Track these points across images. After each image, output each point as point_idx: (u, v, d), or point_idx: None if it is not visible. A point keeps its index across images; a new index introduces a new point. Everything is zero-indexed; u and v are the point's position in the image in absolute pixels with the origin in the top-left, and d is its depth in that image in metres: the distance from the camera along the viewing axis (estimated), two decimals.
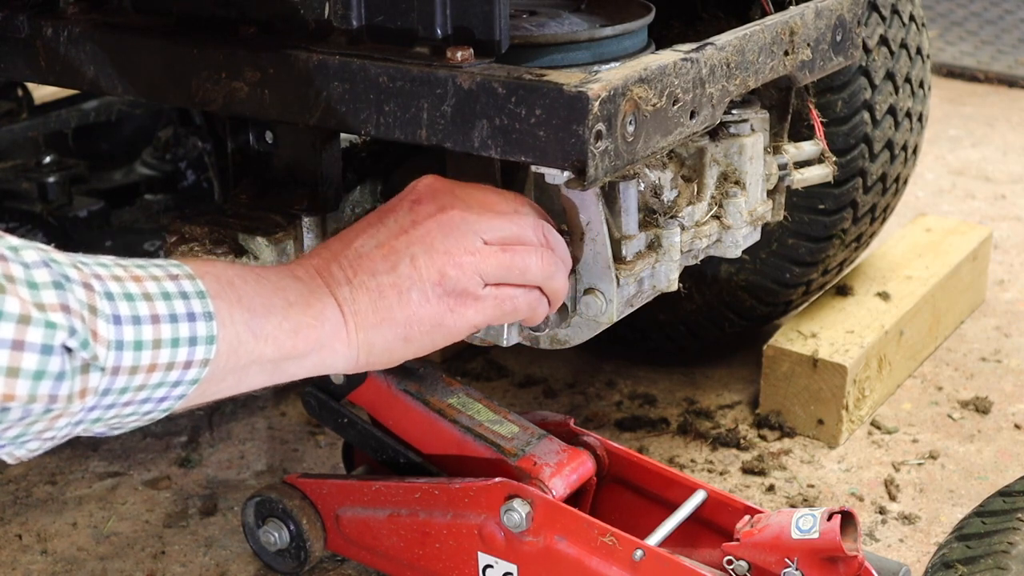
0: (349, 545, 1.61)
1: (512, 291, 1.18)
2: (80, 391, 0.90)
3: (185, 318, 0.97)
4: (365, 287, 1.11)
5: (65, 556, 1.75)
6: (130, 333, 0.93)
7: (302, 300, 1.08)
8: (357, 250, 1.14)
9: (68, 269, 0.91)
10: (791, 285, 2.05)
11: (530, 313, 1.22)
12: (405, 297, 1.12)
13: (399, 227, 1.15)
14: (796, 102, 1.56)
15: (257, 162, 1.42)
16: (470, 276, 1.14)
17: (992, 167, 3.28)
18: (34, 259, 0.89)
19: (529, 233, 1.20)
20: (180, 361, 0.96)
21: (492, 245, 1.16)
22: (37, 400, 0.87)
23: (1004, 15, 4.66)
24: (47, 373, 0.87)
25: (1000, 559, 1.28)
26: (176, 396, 0.99)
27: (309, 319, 1.07)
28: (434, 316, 1.14)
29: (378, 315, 1.11)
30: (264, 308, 1.04)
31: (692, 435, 2.02)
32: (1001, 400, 2.13)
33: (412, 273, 1.12)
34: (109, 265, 0.96)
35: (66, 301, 0.88)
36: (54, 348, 0.87)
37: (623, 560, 1.39)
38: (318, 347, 1.09)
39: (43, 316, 0.86)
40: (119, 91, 1.39)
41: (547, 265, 1.20)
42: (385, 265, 1.12)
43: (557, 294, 1.23)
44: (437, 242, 1.14)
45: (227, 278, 1.03)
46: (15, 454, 0.94)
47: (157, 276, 0.98)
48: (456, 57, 1.18)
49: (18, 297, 0.86)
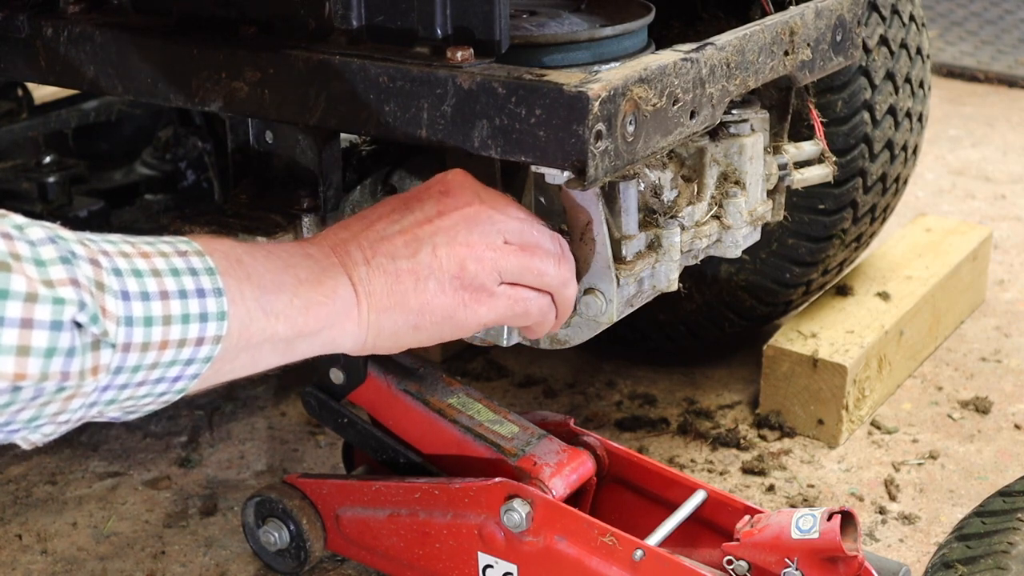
0: (349, 545, 1.61)
1: (527, 293, 1.19)
2: (92, 368, 0.89)
3: (195, 294, 0.96)
4: (383, 269, 1.11)
5: (65, 556, 1.75)
6: (139, 309, 0.92)
7: (313, 277, 1.07)
8: (379, 232, 1.14)
9: (75, 245, 0.91)
10: (791, 285, 2.05)
11: (540, 318, 1.22)
12: (422, 285, 1.12)
13: (424, 215, 1.15)
14: (796, 102, 1.56)
15: (257, 162, 1.42)
16: (489, 272, 1.15)
17: (992, 167, 3.28)
18: (40, 236, 0.89)
19: (547, 241, 1.21)
20: (192, 338, 0.96)
21: (513, 244, 1.17)
22: (49, 378, 0.87)
23: (1004, 15, 4.66)
24: (58, 350, 0.86)
25: (1000, 559, 1.28)
26: (190, 375, 0.98)
27: (320, 296, 1.07)
28: (447, 308, 1.14)
29: (392, 299, 1.11)
30: (274, 285, 1.04)
31: (692, 435, 2.02)
32: (1001, 400, 2.13)
33: (432, 262, 1.12)
34: (116, 242, 0.95)
35: (74, 276, 0.88)
36: (64, 324, 0.86)
37: (623, 560, 1.39)
38: (328, 325, 1.08)
39: (51, 293, 0.86)
40: (119, 91, 1.39)
41: (564, 272, 1.21)
42: (406, 251, 1.12)
43: (566, 304, 1.24)
44: (461, 235, 1.14)
45: (236, 255, 1.03)
46: (30, 439, 0.93)
47: (165, 252, 0.97)
48: (456, 57, 1.18)
49: (24, 275, 0.86)
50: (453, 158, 1.33)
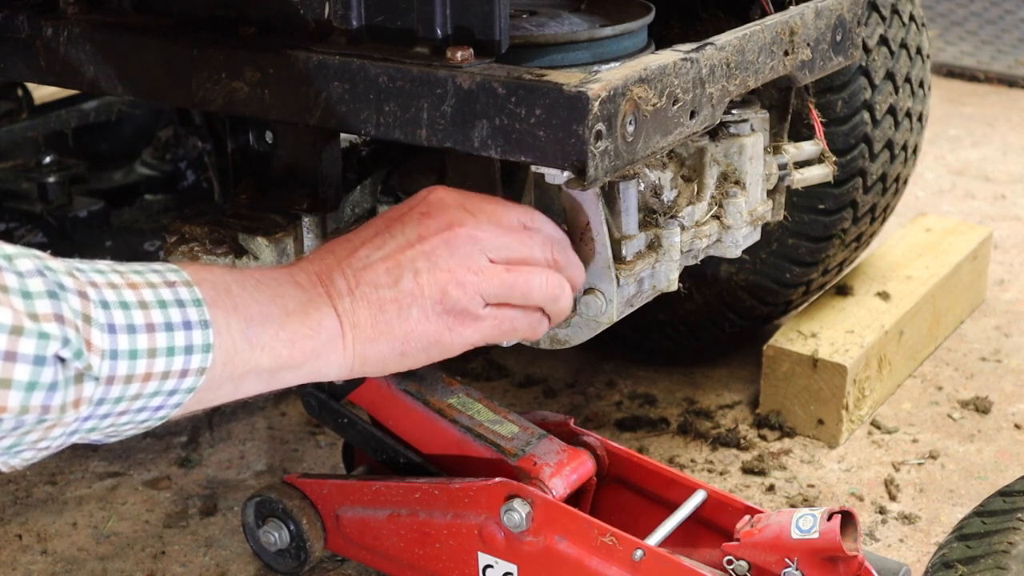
0: (349, 545, 1.61)
1: (512, 312, 1.18)
2: (74, 401, 0.90)
3: (181, 327, 0.96)
4: (366, 299, 1.11)
5: (65, 556, 1.75)
6: (125, 342, 0.92)
7: (300, 309, 1.07)
8: (362, 259, 1.13)
9: (63, 277, 0.90)
10: (791, 285, 2.05)
11: (529, 332, 1.22)
12: (405, 313, 1.12)
13: (406, 240, 1.14)
14: (796, 102, 1.56)
15: (257, 162, 1.42)
16: (471, 296, 1.13)
17: (992, 167, 3.28)
18: (28, 268, 0.89)
19: (536, 252, 1.19)
20: (176, 370, 0.96)
21: (497, 264, 1.15)
22: (30, 411, 0.87)
23: (1004, 15, 4.66)
24: (39, 384, 0.86)
25: (1000, 559, 1.28)
26: (172, 405, 0.98)
27: (306, 329, 1.07)
28: (432, 333, 1.13)
29: (376, 329, 1.11)
30: (261, 317, 1.04)
31: (692, 435, 2.02)
32: (1001, 400, 2.13)
33: (414, 289, 1.12)
34: (105, 272, 0.95)
35: (60, 311, 0.88)
36: (47, 359, 0.86)
37: (623, 560, 1.39)
38: (314, 357, 1.08)
39: (36, 327, 0.86)
40: (119, 91, 1.39)
41: (551, 287, 1.19)
42: (388, 279, 1.12)
43: (559, 314, 1.23)
44: (442, 260, 1.13)
45: (224, 285, 1.02)
46: (10, 463, 0.94)
47: (154, 283, 0.97)
48: (456, 57, 1.18)
49: (11, 308, 0.85)
50: (453, 158, 1.33)
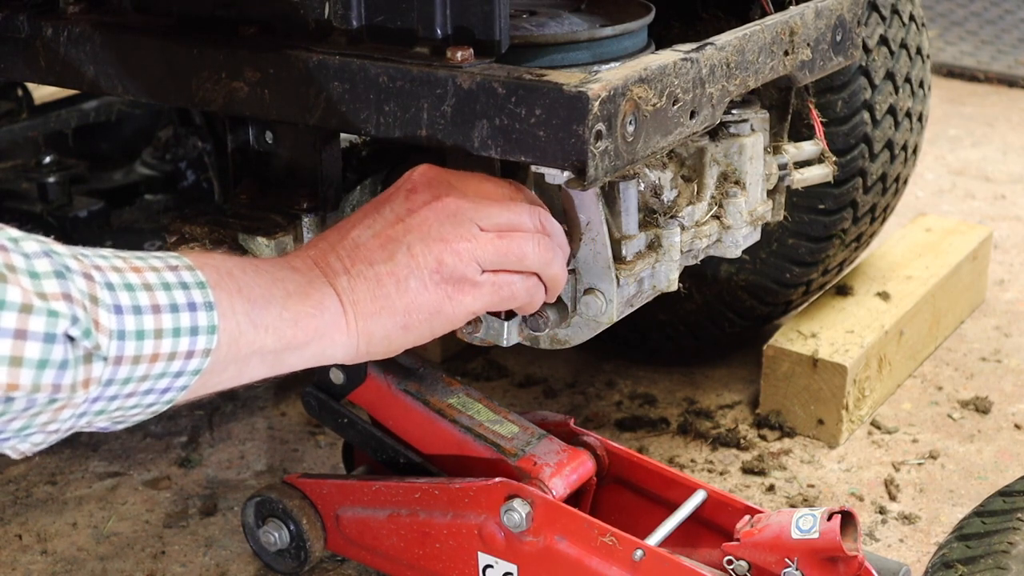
0: (349, 545, 1.61)
1: (510, 277, 1.18)
2: (83, 380, 0.90)
3: (186, 308, 0.97)
4: (363, 276, 1.12)
5: (65, 556, 1.75)
6: (131, 323, 0.93)
7: (300, 290, 1.08)
8: (354, 240, 1.14)
9: (68, 260, 0.91)
10: (791, 285, 2.05)
11: (528, 299, 1.22)
12: (403, 285, 1.12)
13: (395, 216, 1.15)
14: (796, 102, 1.56)
15: (257, 162, 1.42)
16: (467, 262, 1.14)
17: (992, 167, 3.28)
18: (34, 249, 0.90)
19: (525, 219, 1.19)
20: (182, 351, 0.97)
21: (488, 232, 1.16)
22: (41, 389, 0.87)
23: (1004, 15, 4.66)
24: (50, 362, 0.87)
25: (1000, 559, 1.28)
26: (179, 387, 0.99)
27: (308, 308, 1.08)
28: (433, 303, 1.14)
29: (377, 304, 1.12)
30: (264, 298, 1.04)
31: (692, 435, 2.02)
32: (1001, 400, 2.13)
33: (409, 261, 1.13)
34: (108, 256, 0.96)
35: (68, 290, 0.89)
36: (57, 336, 0.87)
37: (623, 560, 1.39)
38: (318, 337, 1.09)
39: (45, 305, 0.87)
40: (119, 91, 1.39)
41: (544, 251, 1.20)
42: (382, 254, 1.13)
43: (555, 281, 1.23)
44: (433, 230, 1.14)
45: (226, 268, 1.04)
46: (19, 448, 0.94)
47: (156, 267, 0.98)
48: (456, 57, 1.18)
49: (20, 286, 0.86)
50: (453, 158, 1.33)
